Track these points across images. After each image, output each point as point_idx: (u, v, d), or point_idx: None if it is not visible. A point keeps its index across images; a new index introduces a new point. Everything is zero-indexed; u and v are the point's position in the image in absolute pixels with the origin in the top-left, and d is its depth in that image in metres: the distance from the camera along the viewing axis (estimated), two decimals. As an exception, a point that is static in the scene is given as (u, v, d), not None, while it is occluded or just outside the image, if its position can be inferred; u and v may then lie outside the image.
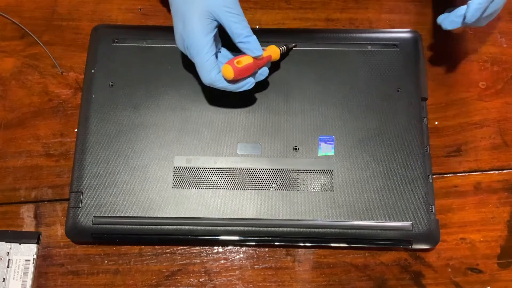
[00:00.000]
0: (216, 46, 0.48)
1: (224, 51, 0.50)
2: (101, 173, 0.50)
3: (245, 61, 0.47)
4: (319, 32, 0.56)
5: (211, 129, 0.51)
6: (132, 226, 0.49)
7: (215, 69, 0.46)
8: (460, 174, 0.54)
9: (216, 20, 0.46)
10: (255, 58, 0.48)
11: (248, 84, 0.48)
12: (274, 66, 0.53)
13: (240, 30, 0.46)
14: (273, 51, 0.51)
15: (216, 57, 0.48)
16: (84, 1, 0.60)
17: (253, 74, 0.49)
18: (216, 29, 0.47)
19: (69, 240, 0.51)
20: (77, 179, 0.50)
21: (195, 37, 0.45)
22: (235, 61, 0.46)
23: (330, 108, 0.52)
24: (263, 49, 0.48)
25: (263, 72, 0.50)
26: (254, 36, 0.47)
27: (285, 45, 0.53)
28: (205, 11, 0.45)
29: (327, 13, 0.59)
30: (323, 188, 0.50)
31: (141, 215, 0.49)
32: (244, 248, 0.51)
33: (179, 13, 0.47)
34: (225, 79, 0.47)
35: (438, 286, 0.51)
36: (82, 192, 0.49)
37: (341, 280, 0.50)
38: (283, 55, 0.53)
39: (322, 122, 0.52)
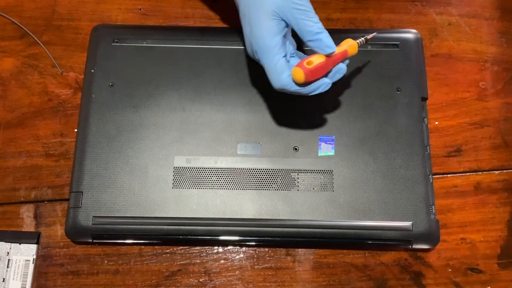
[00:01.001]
0: (287, 48, 0.44)
1: (299, 54, 0.46)
2: (101, 173, 0.50)
3: (316, 60, 0.43)
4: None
5: (211, 129, 0.51)
6: (132, 226, 0.48)
7: (286, 72, 0.43)
8: (460, 174, 0.54)
9: (283, 20, 0.43)
10: (327, 56, 0.43)
11: (322, 86, 0.44)
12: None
13: (309, 27, 0.42)
14: (349, 45, 0.46)
15: (288, 59, 0.44)
16: (84, 1, 0.60)
17: (327, 74, 0.45)
18: (285, 30, 0.44)
19: (69, 240, 0.51)
20: (77, 179, 0.50)
21: (262, 39, 0.43)
22: (305, 62, 0.42)
23: (330, 108, 0.52)
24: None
25: (340, 70, 0.45)
26: (326, 32, 0.43)
27: (363, 37, 0.47)
28: (270, 11, 0.42)
29: (327, 13, 0.59)
30: (323, 188, 0.50)
31: (141, 215, 0.49)
32: (244, 248, 0.51)
33: (245, 16, 0.44)
34: (296, 83, 0.43)
35: (438, 286, 0.51)
36: (82, 192, 0.49)
37: (341, 280, 0.50)
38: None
39: (322, 122, 0.52)
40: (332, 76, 0.45)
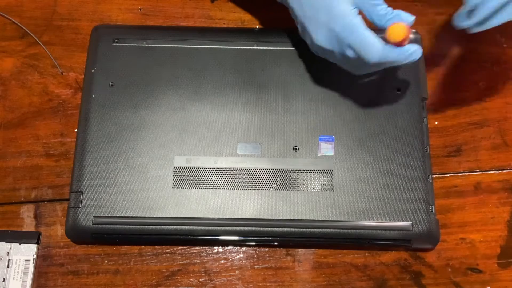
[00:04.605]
0: None
1: None
2: (101, 173, 0.50)
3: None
4: (319, 32, 0.56)
5: (211, 129, 0.51)
6: (132, 226, 0.49)
7: (379, 41, 0.43)
8: (460, 174, 0.54)
9: (356, 8, 0.44)
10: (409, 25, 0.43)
11: (417, 51, 0.43)
12: (274, 66, 0.53)
13: (384, 11, 0.43)
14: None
15: None
16: (84, 1, 0.60)
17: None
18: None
19: (69, 240, 0.51)
20: (77, 179, 0.50)
21: (348, 18, 0.43)
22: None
23: (330, 108, 0.52)
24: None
25: (417, 51, 0.44)
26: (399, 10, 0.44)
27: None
28: (350, 1, 0.44)
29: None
30: (323, 188, 0.50)
31: (141, 215, 0.49)
32: (244, 248, 0.51)
33: (321, 7, 0.44)
34: (393, 43, 0.42)
35: (438, 286, 0.51)
36: (82, 192, 0.49)
37: (341, 280, 0.50)
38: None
39: (322, 122, 0.52)
40: (408, 56, 0.44)
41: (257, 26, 0.59)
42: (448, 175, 0.54)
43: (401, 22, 0.43)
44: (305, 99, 0.52)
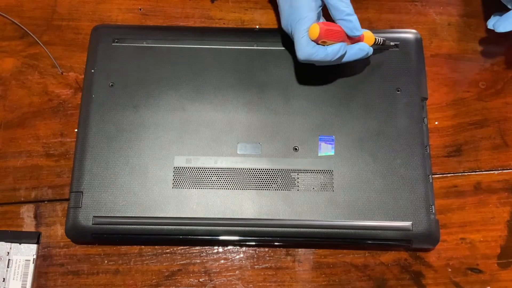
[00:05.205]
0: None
1: None
2: (101, 173, 0.50)
3: (333, 26, 0.47)
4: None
5: (211, 129, 0.51)
6: (132, 226, 0.49)
7: (311, 43, 0.47)
8: (460, 174, 0.54)
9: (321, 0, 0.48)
10: (351, 37, 0.48)
11: (341, 48, 0.47)
12: (274, 66, 0.53)
13: (343, 7, 0.47)
14: (368, 36, 0.50)
15: None
16: (84, 1, 0.60)
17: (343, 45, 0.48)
18: (320, 8, 0.49)
19: (69, 240, 0.51)
20: (77, 179, 0.50)
21: (299, 11, 0.47)
22: (322, 23, 0.46)
23: (330, 108, 0.52)
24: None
25: (363, 47, 0.49)
26: (356, 16, 0.47)
27: (383, 39, 0.52)
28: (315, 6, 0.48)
29: (327, 13, 0.59)
30: (323, 188, 0.50)
31: (141, 215, 0.49)
32: (244, 248, 0.51)
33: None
34: (313, 40, 0.46)
35: (438, 286, 0.51)
36: (82, 192, 0.49)
37: (341, 280, 0.50)
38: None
39: (322, 122, 0.52)
40: (354, 52, 0.49)
41: (257, 26, 0.59)
42: (448, 175, 0.54)
43: (348, 29, 0.47)
44: (305, 99, 0.52)
